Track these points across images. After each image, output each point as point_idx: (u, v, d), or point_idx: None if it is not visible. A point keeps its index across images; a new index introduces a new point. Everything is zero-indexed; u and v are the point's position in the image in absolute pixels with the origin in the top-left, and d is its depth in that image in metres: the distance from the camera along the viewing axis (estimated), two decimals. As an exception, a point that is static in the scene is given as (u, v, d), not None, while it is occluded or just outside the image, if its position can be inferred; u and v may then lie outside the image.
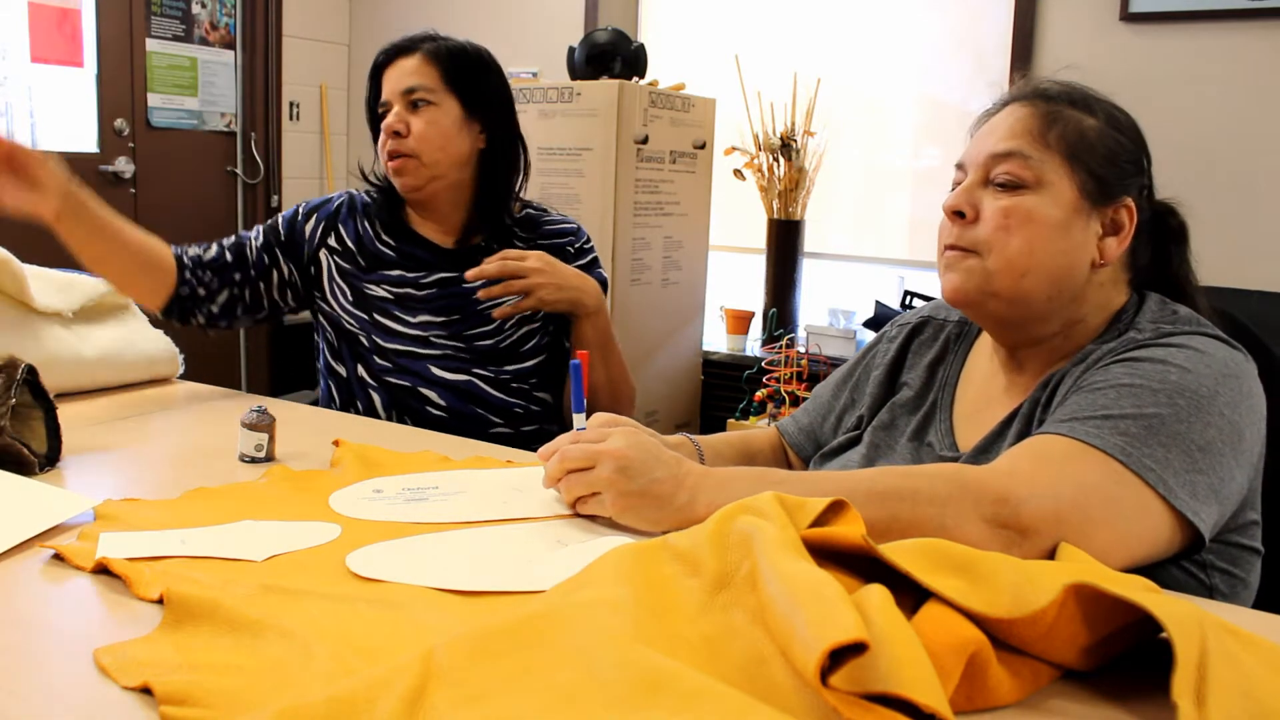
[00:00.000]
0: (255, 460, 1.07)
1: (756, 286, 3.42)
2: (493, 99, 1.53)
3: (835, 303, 3.37)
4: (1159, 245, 1.01)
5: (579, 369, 1.02)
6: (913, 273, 3.28)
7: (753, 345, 3.34)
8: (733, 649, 0.60)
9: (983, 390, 1.06)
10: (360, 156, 4.12)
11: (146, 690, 0.59)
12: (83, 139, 3.54)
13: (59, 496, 0.92)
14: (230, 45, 3.96)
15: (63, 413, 1.07)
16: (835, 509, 0.72)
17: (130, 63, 3.62)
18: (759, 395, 2.90)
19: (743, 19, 3.57)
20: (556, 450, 0.92)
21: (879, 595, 0.59)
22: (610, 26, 3.06)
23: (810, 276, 3.41)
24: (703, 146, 3.14)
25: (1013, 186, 0.95)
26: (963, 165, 1.00)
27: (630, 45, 2.99)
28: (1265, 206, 2.77)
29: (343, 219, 1.56)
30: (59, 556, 0.78)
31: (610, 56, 2.96)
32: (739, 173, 3.32)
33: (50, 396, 1.06)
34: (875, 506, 0.79)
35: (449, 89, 1.48)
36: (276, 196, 4.12)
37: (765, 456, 1.23)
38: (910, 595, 0.64)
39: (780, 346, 2.88)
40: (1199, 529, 0.82)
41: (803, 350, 2.93)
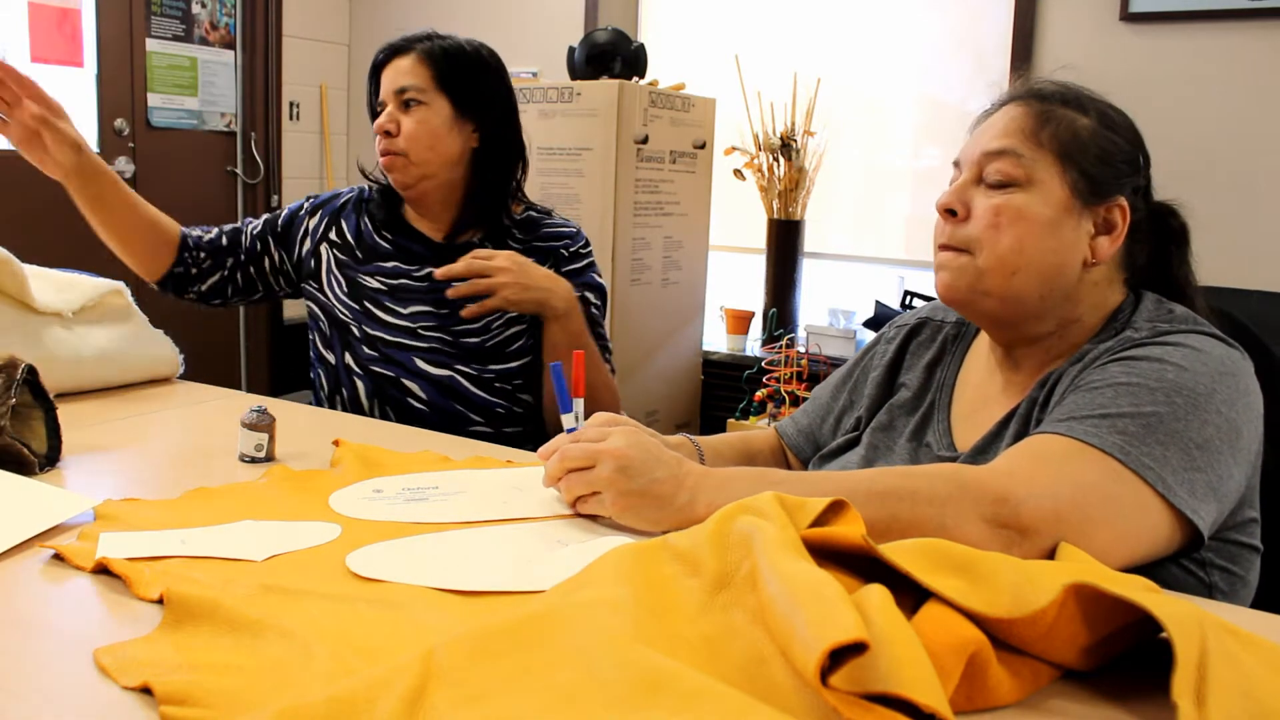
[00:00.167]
0: (255, 460, 1.07)
1: (756, 286, 3.42)
2: (488, 99, 1.54)
3: (835, 303, 3.37)
4: (1158, 246, 1.01)
5: (559, 369, 1.02)
6: (913, 273, 3.28)
7: (753, 345, 3.34)
8: (733, 649, 0.60)
9: (980, 390, 1.06)
10: (360, 156, 4.12)
11: (146, 690, 0.59)
12: (83, 139, 3.54)
13: (59, 496, 0.92)
14: (230, 45, 3.96)
15: (63, 413, 1.07)
16: (835, 509, 0.72)
17: (130, 63, 3.62)
18: (759, 395, 2.90)
19: (743, 19, 3.57)
20: (557, 449, 0.92)
21: (879, 595, 0.59)
22: (610, 26, 3.06)
23: (810, 276, 3.41)
24: (703, 146, 3.14)
25: (1004, 185, 0.95)
26: (959, 164, 1.01)
27: (630, 45, 2.99)
28: (1265, 206, 2.77)
29: (346, 214, 1.62)
30: (59, 556, 0.78)
31: (610, 56, 2.96)
32: (739, 173, 3.32)
33: (50, 396, 1.06)
34: (875, 506, 0.79)
35: (440, 89, 1.50)
36: (276, 196, 4.12)
37: (765, 457, 1.23)
38: (910, 595, 0.64)
39: (780, 346, 2.88)
40: (1198, 527, 0.82)
41: (803, 350, 2.93)
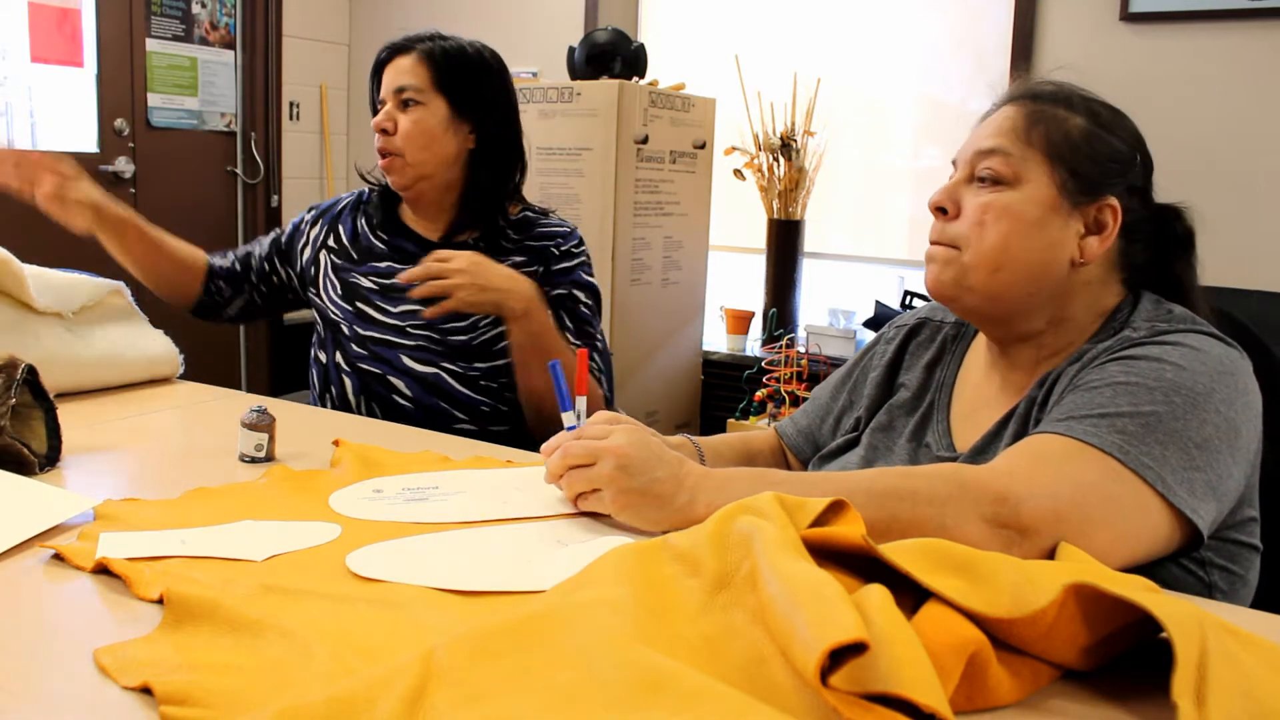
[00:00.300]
0: (255, 460, 1.07)
1: (756, 286, 3.42)
2: (487, 101, 1.55)
3: (835, 303, 3.37)
4: (1160, 247, 1.00)
5: (558, 367, 1.02)
6: (913, 273, 3.28)
7: (753, 345, 3.34)
8: (733, 649, 0.60)
9: (979, 391, 1.06)
10: (361, 156, 4.12)
11: (146, 690, 0.59)
12: (83, 139, 3.54)
13: (59, 496, 0.92)
14: (230, 45, 3.96)
15: (63, 413, 1.07)
16: (835, 509, 0.72)
17: (130, 63, 3.62)
18: (759, 395, 2.90)
19: (743, 19, 3.57)
20: (559, 445, 0.92)
21: (879, 595, 0.59)
22: (610, 26, 3.06)
23: (810, 276, 3.41)
24: (703, 146, 3.14)
25: (993, 183, 0.96)
26: (955, 163, 1.02)
27: (630, 45, 2.99)
28: (1265, 206, 2.77)
29: (343, 218, 1.64)
30: (59, 556, 0.78)
31: (610, 56, 2.96)
32: (739, 173, 3.32)
33: (50, 396, 1.06)
34: (875, 506, 0.79)
35: (438, 90, 1.51)
36: (276, 196, 4.12)
37: (765, 458, 1.23)
38: (910, 595, 0.64)
39: (780, 346, 2.88)
40: (1197, 526, 0.82)
41: (803, 350, 2.93)
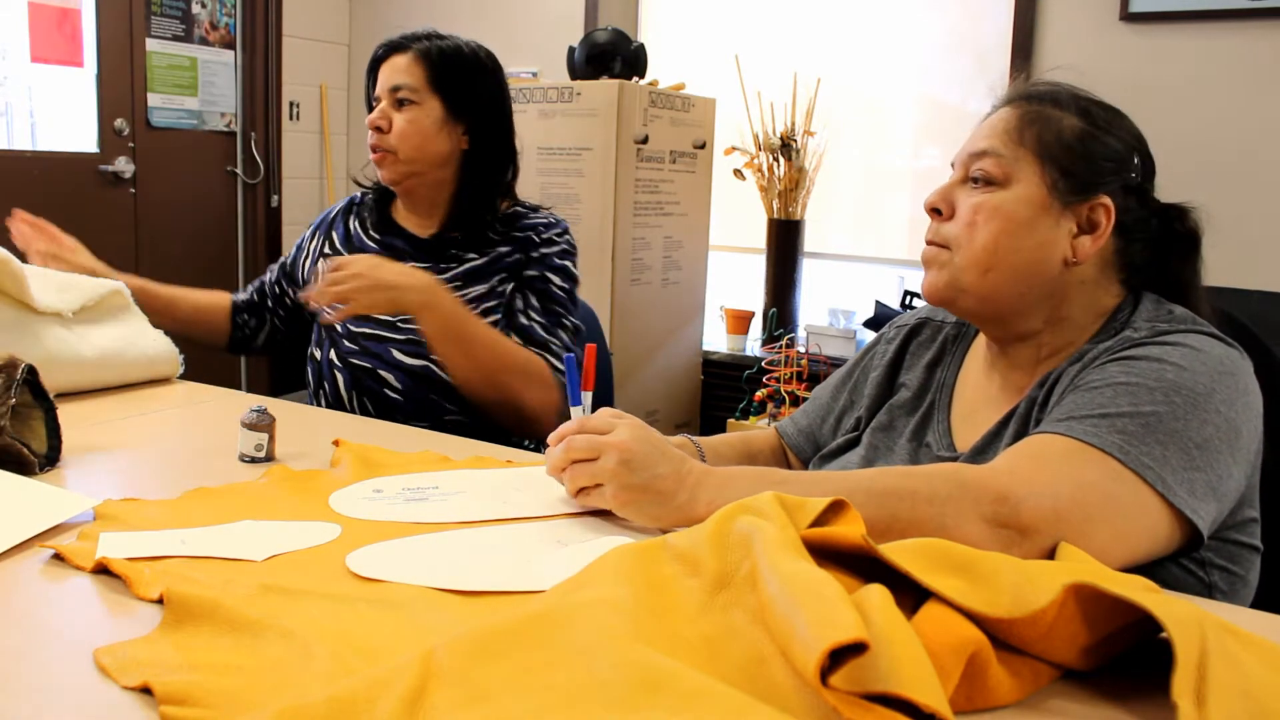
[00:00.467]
0: (255, 460, 1.07)
1: (756, 286, 3.42)
2: (482, 102, 1.55)
3: (835, 303, 3.37)
4: (1161, 247, 1.00)
5: (573, 362, 1.02)
6: (913, 273, 3.28)
7: (753, 345, 3.34)
8: (733, 649, 0.60)
9: (980, 391, 1.06)
10: (361, 156, 4.12)
11: (146, 690, 0.59)
12: (83, 139, 3.54)
13: (59, 496, 0.92)
14: (230, 45, 3.96)
15: (63, 413, 1.07)
16: (835, 509, 0.72)
17: (130, 63, 3.62)
18: (759, 395, 2.90)
19: (743, 19, 3.57)
20: (563, 439, 0.92)
21: (879, 595, 0.58)
22: (610, 26, 3.06)
23: (810, 276, 3.41)
24: (703, 146, 3.14)
25: (986, 183, 0.97)
26: (953, 165, 1.03)
27: (630, 45, 2.99)
28: (1265, 206, 2.77)
29: (336, 224, 1.67)
30: (59, 556, 0.78)
31: (610, 56, 2.96)
32: (739, 173, 3.32)
33: (50, 396, 1.06)
34: (875, 506, 0.79)
35: (433, 90, 1.52)
36: (276, 196, 4.12)
37: (765, 457, 1.23)
38: (910, 595, 0.64)
39: (780, 346, 2.88)
40: (1197, 526, 0.82)
41: (803, 350, 2.93)
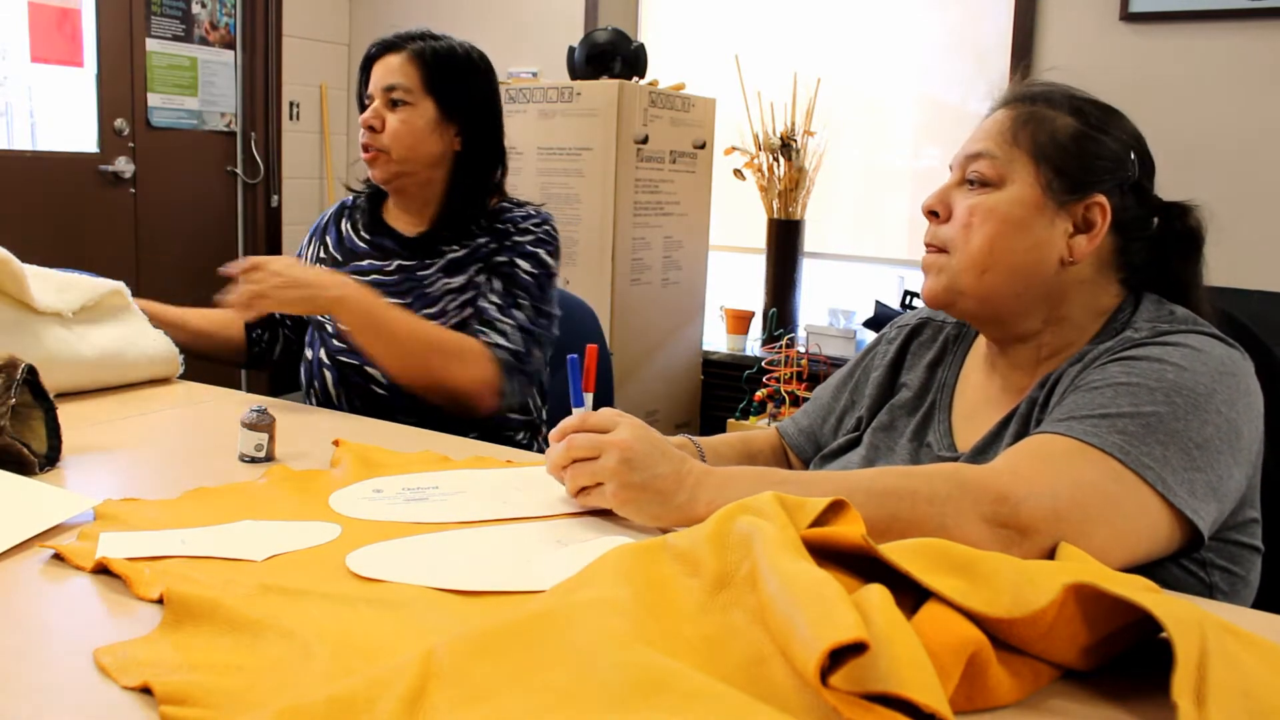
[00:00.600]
0: (255, 460, 1.07)
1: (756, 286, 3.42)
2: (475, 104, 1.56)
3: (835, 303, 3.37)
4: (1161, 246, 1.00)
5: (575, 362, 1.02)
6: (913, 273, 3.28)
7: (753, 345, 3.34)
8: (733, 649, 0.60)
9: (981, 391, 1.06)
10: (360, 157, 4.12)
11: (146, 690, 0.59)
12: (83, 139, 3.54)
13: (59, 496, 0.92)
14: (230, 45, 3.96)
15: (63, 413, 1.07)
16: (835, 509, 0.72)
17: (130, 63, 3.62)
18: (759, 395, 2.90)
19: (743, 19, 3.57)
20: (564, 436, 0.92)
21: (879, 595, 0.58)
22: (610, 26, 3.06)
23: (810, 276, 3.41)
24: (703, 146, 3.14)
25: (981, 185, 0.97)
26: (951, 167, 1.03)
27: (630, 45, 2.99)
28: (1265, 206, 2.77)
29: (329, 229, 1.67)
30: (59, 556, 0.78)
31: (610, 56, 2.96)
32: (739, 173, 3.32)
33: (50, 396, 1.06)
34: (875, 506, 0.79)
35: (427, 91, 1.52)
36: (276, 196, 4.12)
37: (766, 457, 1.23)
38: (910, 595, 0.64)
39: (780, 346, 2.88)
40: (1198, 527, 0.82)
41: (803, 350, 2.93)
